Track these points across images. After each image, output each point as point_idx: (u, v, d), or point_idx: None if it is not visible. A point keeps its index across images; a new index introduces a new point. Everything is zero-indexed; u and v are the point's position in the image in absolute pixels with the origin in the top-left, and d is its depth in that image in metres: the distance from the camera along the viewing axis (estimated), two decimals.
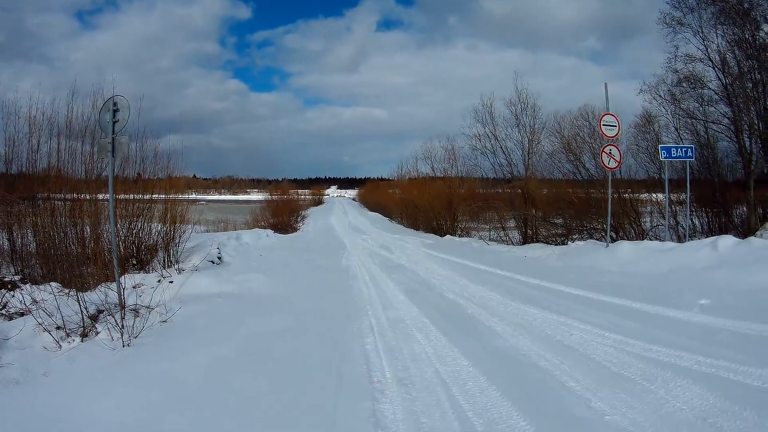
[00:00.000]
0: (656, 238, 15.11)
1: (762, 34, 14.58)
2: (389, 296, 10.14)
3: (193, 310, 8.79)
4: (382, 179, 68.47)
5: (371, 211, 57.39)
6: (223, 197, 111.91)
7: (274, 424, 4.63)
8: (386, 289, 10.86)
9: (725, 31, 15.00)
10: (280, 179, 77.52)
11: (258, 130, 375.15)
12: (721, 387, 4.88)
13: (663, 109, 16.52)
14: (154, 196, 11.85)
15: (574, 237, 18.25)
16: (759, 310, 7.39)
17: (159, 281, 10.29)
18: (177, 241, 12.02)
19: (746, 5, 14.60)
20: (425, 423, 4.53)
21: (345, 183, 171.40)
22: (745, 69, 14.77)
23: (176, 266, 11.45)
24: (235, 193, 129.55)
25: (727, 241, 10.81)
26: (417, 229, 30.82)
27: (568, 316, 7.93)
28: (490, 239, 22.31)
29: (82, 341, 7.10)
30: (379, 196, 56.07)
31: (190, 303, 9.13)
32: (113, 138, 8.21)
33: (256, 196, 73.45)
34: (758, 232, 13.16)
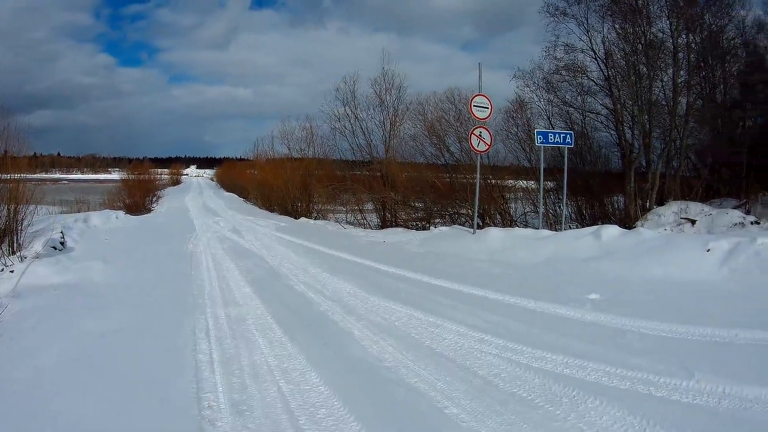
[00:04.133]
0: (526, 226, 15.17)
1: (654, 30, 15.08)
2: (233, 288, 9.41)
3: (26, 304, 8.15)
4: (240, 159, 68.50)
5: (228, 191, 57.81)
6: (86, 176, 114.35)
7: None
8: (230, 280, 10.17)
9: (614, 22, 15.36)
10: (141, 158, 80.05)
11: (123, 106, 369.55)
12: (644, 406, 4.21)
13: (536, 96, 16.73)
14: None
15: (437, 221, 18.22)
16: (662, 306, 6.98)
17: (2, 270, 9.98)
18: (20, 225, 11.65)
19: (639, 2, 15.00)
20: None
21: (205, 163, 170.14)
22: (632, 62, 15.19)
23: (19, 253, 11.04)
24: (96, 172, 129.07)
25: (612, 231, 10.65)
26: (272, 210, 30.92)
27: (438, 314, 7.18)
28: (347, 222, 22.41)
29: None
30: (236, 176, 56.53)
31: (25, 296, 8.57)
32: None
33: (117, 175, 73.81)
34: (639, 222, 13.42)
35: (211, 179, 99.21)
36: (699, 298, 7.30)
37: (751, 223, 11.40)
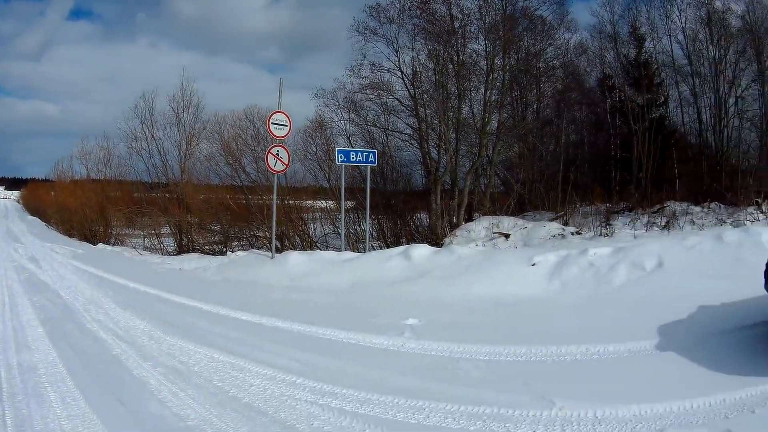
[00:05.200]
0: (327, 248, 14.99)
1: (468, 50, 15.87)
2: (26, 328, 8.30)
3: None
4: (46, 180, 64.93)
5: (32, 215, 54.05)
6: None
7: None
8: (23, 319, 8.98)
9: (426, 42, 15.83)
10: None
11: None
12: None
13: (336, 116, 17.03)
14: None
15: (234, 245, 17.68)
16: (493, 327, 6.80)
17: None
18: None
19: (456, 24, 15.62)
20: None
21: (13, 183, 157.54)
22: (441, 81, 15.68)
23: None
24: None
25: (422, 250, 10.49)
26: (71, 236, 29.35)
27: (241, 354, 6.36)
28: (144, 248, 21.62)
29: None
30: (39, 199, 53.24)
31: None
32: None
33: None
34: (447, 239, 13.52)
35: (18, 201, 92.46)
36: (532, 315, 7.22)
37: (572, 233, 11.90)
